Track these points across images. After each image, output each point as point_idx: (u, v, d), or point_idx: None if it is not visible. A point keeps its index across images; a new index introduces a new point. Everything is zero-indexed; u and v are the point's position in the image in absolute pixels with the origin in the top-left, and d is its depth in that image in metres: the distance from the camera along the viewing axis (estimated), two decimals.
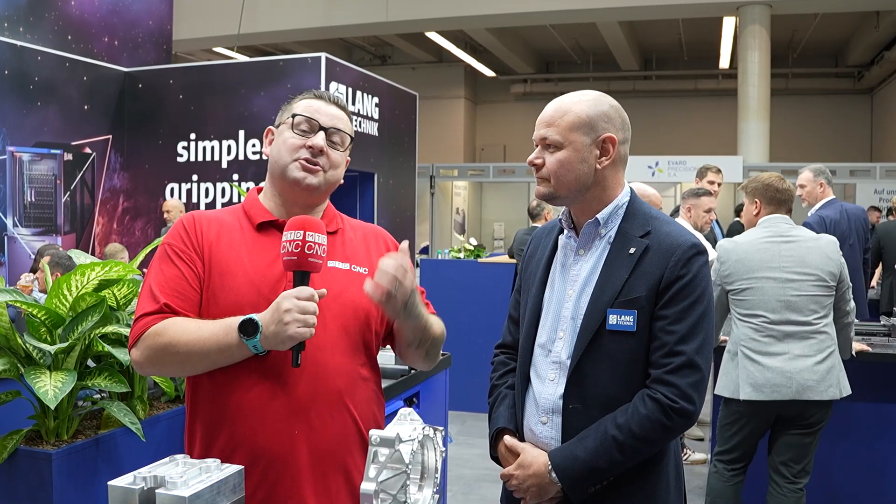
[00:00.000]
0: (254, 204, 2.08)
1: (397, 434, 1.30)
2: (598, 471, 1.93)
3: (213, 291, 1.95)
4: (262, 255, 1.97)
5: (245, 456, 1.87)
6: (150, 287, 1.97)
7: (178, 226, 2.03)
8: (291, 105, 2.09)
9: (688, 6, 14.72)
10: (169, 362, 1.92)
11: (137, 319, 1.95)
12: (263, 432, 1.89)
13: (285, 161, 2.01)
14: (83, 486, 3.00)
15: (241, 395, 1.90)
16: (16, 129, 7.08)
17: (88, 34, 8.51)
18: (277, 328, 1.80)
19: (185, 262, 1.97)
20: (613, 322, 1.94)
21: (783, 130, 19.12)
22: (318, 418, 1.93)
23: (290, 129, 2.04)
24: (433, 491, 1.38)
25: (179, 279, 1.96)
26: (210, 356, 1.87)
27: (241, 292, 1.92)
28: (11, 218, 7.07)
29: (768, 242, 3.96)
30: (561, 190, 2.02)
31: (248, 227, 2.03)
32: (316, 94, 2.11)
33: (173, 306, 1.94)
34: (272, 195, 2.08)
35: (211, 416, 1.94)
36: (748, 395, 3.86)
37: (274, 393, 1.91)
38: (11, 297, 3.03)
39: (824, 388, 3.79)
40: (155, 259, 2.03)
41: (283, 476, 1.91)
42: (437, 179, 17.19)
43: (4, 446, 2.94)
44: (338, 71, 7.47)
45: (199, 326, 1.89)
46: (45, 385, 2.85)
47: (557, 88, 23.00)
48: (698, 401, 1.93)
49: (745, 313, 3.94)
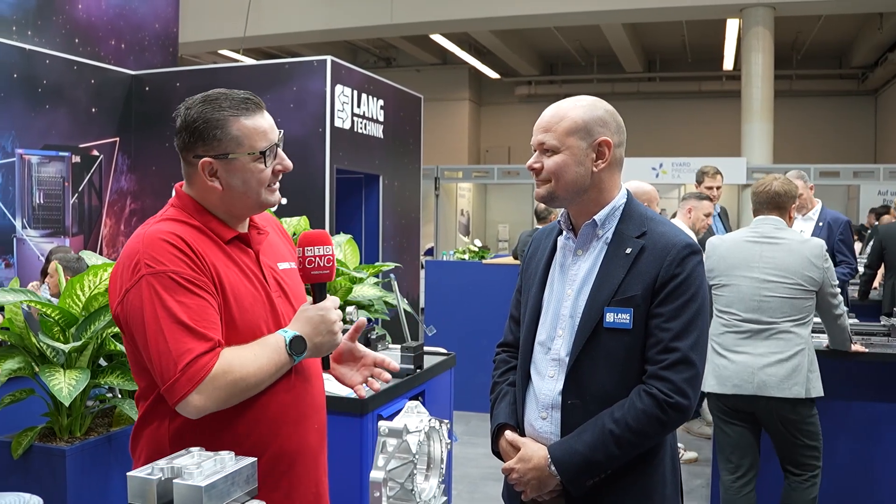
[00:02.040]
0: (209, 219, 1.99)
1: (405, 425, 1.36)
2: (595, 464, 1.99)
3: (230, 316, 1.91)
4: (245, 269, 1.99)
5: (274, 453, 1.95)
6: (181, 323, 1.82)
7: (168, 251, 1.87)
8: (227, 130, 1.94)
9: (691, 8, 14.74)
10: (235, 398, 1.86)
11: (191, 363, 1.80)
12: (290, 431, 1.98)
13: (257, 194, 1.98)
14: (96, 481, 3.07)
15: (270, 401, 1.95)
16: (24, 131, 7.15)
17: (95, 37, 8.58)
18: (326, 339, 1.93)
19: (204, 290, 1.87)
20: (610, 320, 2.01)
21: (787, 132, 19.14)
22: (322, 412, 2.10)
23: (253, 162, 1.96)
24: (439, 480, 1.44)
25: (208, 309, 1.87)
26: (270, 379, 1.90)
27: (255, 310, 1.96)
28: (20, 220, 7.13)
29: (751, 242, 4.05)
30: (559, 192, 2.09)
31: (219, 243, 1.98)
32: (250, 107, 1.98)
33: (220, 340, 1.86)
34: (221, 212, 2.00)
35: (239, 422, 1.93)
36: (711, 387, 4.01)
37: (298, 395, 2.01)
38: (26, 298, 3.10)
39: (788, 387, 3.85)
40: (160, 292, 1.84)
41: (306, 469, 2.02)
42: (441, 181, 17.24)
43: (20, 443, 3.01)
44: (343, 74, 7.53)
45: (254, 354, 1.87)
46: (59, 383, 2.91)
47: (562, 90, 23.02)
48: (693, 396, 1.99)
49: (721, 309, 4.07)
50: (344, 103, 7.46)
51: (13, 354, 3.14)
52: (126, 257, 1.91)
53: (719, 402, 4.08)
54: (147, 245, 1.87)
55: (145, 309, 1.83)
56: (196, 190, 2.01)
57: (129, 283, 1.87)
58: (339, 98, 7.38)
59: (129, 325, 1.89)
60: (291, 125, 7.31)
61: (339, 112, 7.38)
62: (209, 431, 1.90)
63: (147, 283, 1.84)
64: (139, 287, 1.85)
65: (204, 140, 1.95)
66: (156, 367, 1.83)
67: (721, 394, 3.99)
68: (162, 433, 1.92)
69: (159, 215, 2.01)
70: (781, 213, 4.09)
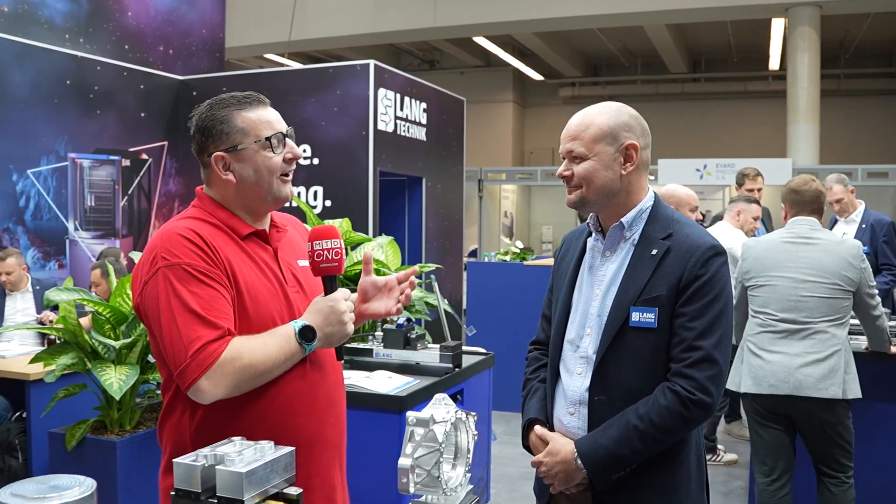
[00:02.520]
0: (227, 216, 2.08)
1: (431, 415, 1.44)
2: (620, 458, 2.05)
3: (243, 308, 1.99)
4: (262, 265, 2.08)
5: (288, 442, 2.01)
6: (192, 312, 1.90)
7: (183, 245, 1.96)
8: (233, 123, 2.06)
9: (734, 8, 14.61)
10: (245, 385, 1.93)
11: (200, 349, 1.88)
12: (304, 421, 2.06)
13: (270, 183, 2.07)
14: (145, 472, 3.19)
15: (284, 391, 2.03)
16: (77, 136, 7.37)
17: (145, 44, 8.80)
18: (336, 329, 2.00)
19: (216, 282, 1.95)
20: (636, 319, 2.07)
21: (835, 132, 18.91)
22: (341, 404, 2.17)
23: (262, 150, 2.05)
24: (465, 469, 1.52)
25: (220, 299, 1.94)
26: (279, 368, 1.97)
27: (269, 303, 2.04)
28: (73, 222, 7.34)
29: (787, 243, 4.05)
30: (590, 197, 2.15)
31: (236, 239, 2.07)
32: (252, 101, 2.10)
33: (230, 328, 1.93)
34: (239, 207, 2.10)
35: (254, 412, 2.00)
36: (748, 387, 4.00)
37: (312, 385, 2.08)
38: (80, 297, 3.24)
39: (825, 387, 3.85)
40: (174, 282, 1.93)
41: (320, 457, 2.09)
42: (485, 183, 17.29)
43: (73, 435, 3.15)
44: (386, 77, 7.62)
45: (263, 342, 1.95)
46: (110, 378, 3.04)
47: (605, 92, 22.97)
48: (716, 393, 2.04)
49: (757, 309, 4.07)
50: (387, 106, 7.56)
51: (67, 350, 3.29)
52: (146, 252, 2.01)
53: (755, 404, 4.08)
54: (164, 240, 1.97)
55: (160, 299, 1.92)
56: (214, 188, 2.11)
57: (147, 276, 1.97)
58: (383, 101, 7.48)
59: (147, 316, 1.99)
60: (335, 128, 7.43)
61: (383, 115, 7.47)
62: (226, 420, 1.97)
63: (163, 274, 1.93)
64: (156, 279, 1.94)
65: (213, 137, 2.07)
66: (169, 353, 1.92)
67: (757, 394, 4.00)
68: (184, 423, 2.01)
69: (181, 214, 2.12)
70: (819, 215, 4.11)
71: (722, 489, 5.68)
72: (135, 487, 3.11)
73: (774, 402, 3.98)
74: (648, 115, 10.10)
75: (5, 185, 6.76)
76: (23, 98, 6.88)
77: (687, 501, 2.12)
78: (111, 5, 8.46)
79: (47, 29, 7.72)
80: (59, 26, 7.86)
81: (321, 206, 7.52)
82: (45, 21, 7.74)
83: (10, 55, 6.78)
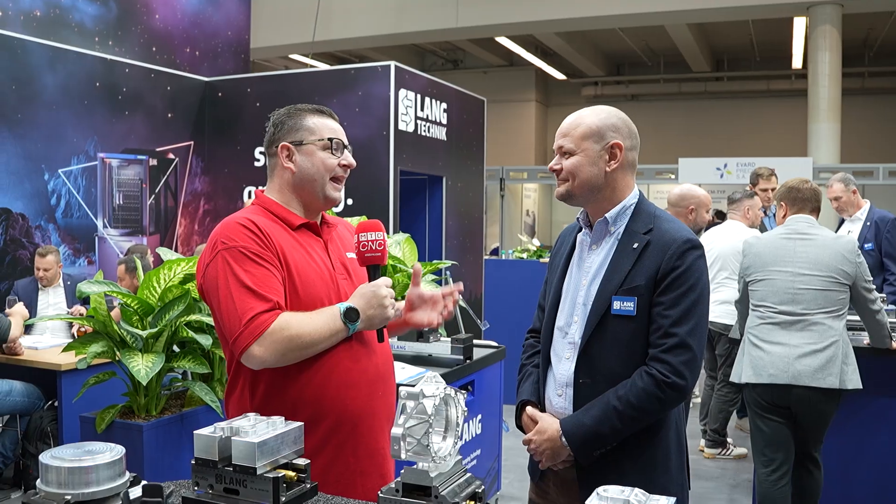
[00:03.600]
0: (282, 209, 2.34)
1: (421, 390, 1.61)
2: (601, 436, 2.22)
3: (293, 288, 2.22)
4: (312, 252, 2.32)
5: (339, 413, 2.24)
6: (247, 287, 2.14)
7: (241, 231, 2.20)
8: (303, 122, 2.35)
9: (755, 7, 14.63)
10: (292, 354, 2.14)
11: (253, 318, 2.11)
12: (354, 394, 2.27)
13: (324, 179, 2.34)
14: (170, 454, 3.39)
15: (335, 367, 2.25)
16: (106, 136, 7.60)
17: (172, 46, 9.02)
18: (377, 312, 2.23)
19: (269, 263, 2.18)
20: (617, 307, 2.24)
21: (858, 130, 18.87)
22: (390, 380, 2.40)
23: (322, 150, 2.34)
24: (454, 441, 1.69)
25: (271, 278, 2.17)
26: (324, 342, 2.20)
27: (318, 286, 2.27)
28: (101, 219, 7.58)
29: (785, 239, 4.20)
30: (575, 190, 2.34)
31: (288, 230, 2.31)
32: (323, 112, 2.40)
33: (280, 302, 2.17)
34: (292, 202, 2.36)
35: (302, 389, 2.22)
36: (748, 377, 4.15)
37: (361, 363, 2.30)
38: (109, 289, 3.44)
39: (822, 377, 3.98)
40: (231, 262, 2.17)
41: (371, 428, 2.30)
42: (506, 182, 17.43)
43: (103, 419, 3.35)
44: (406, 78, 7.76)
45: (310, 318, 2.17)
46: (137, 365, 3.24)
47: (628, 91, 23.05)
48: (690, 377, 2.20)
49: (756, 303, 4.22)
50: (408, 107, 7.71)
51: (97, 340, 3.49)
52: (209, 241, 2.27)
53: (756, 396, 4.22)
54: (224, 228, 2.24)
55: (219, 277, 2.18)
56: (275, 180, 2.38)
57: (208, 259, 2.23)
58: (403, 102, 7.63)
59: (208, 294, 2.24)
60: (357, 128, 7.59)
61: (403, 115, 7.63)
62: (282, 393, 2.21)
63: (221, 256, 2.19)
64: (215, 261, 2.20)
65: (284, 130, 2.36)
66: (225, 324, 2.17)
67: (757, 384, 4.14)
68: (245, 397, 2.26)
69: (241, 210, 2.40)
70: (817, 213, 4.25)
71: (730, 482, 5.82)
72: (160, 467, 3.30)
73: (774, 391, 4.11)
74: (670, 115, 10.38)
75: (37, 184, 7.00)
76: (54, 100, 7.12)
77: (665, 479, 2.28)
78: (139, 9, 8.69)
79: (78, 33, 7.96)
80: (89, 30, 8.10)
81: (343, 204, 7.69)
82: (76, 25, 7.98)
83: (42, 59, 7.02)
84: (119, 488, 1.56)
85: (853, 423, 4.69)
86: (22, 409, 5.41)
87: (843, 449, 4.76)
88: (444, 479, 1.63)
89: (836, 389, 4.00)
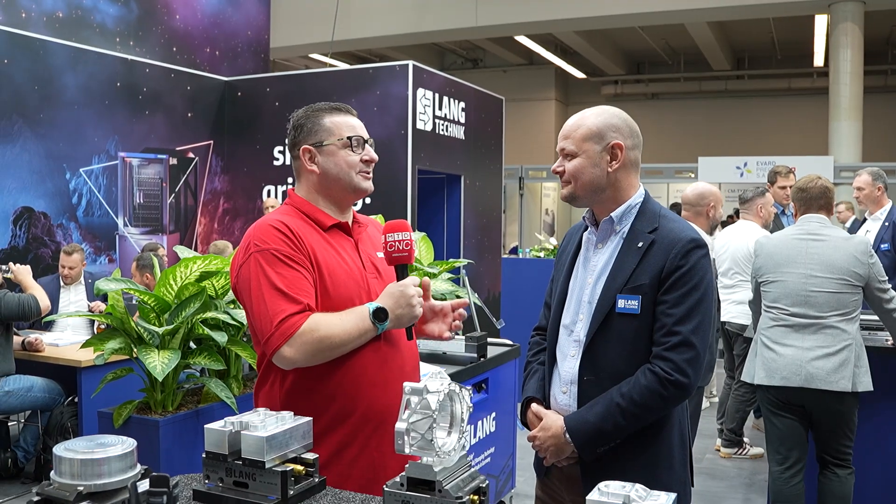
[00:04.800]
0: (313, 209, 2.39)
1: (425, 385, 1.64)
2: (604, 433, 2.24)
3: (325, 288, 2.26)
4: (342, 252, 2.36)
5: (364, 410, 2.28)
6: (278, 289, 2.18)
7: (273, 234, 2.25)
8: (322, 123, 2.39)
9: (776, 5, 14.55)
10: (322, 355, 2.19)
11: (283, 320, 2.15)
12: (379, 392, 2.30)
13: (350, 176, 2.38)
14: (185, 449, 3.43)
15: (360, 364, 2.29)
16: (126, 136, 7.68)
17: (192, 46, 9.11)
18: (405, 311, 2.27)
19: (300, 265, 2.23)
20: (622, 306, 2.25)
21: (880, 129, 18.73)
22: (416, 378, 2.42)
23: (342, 148, 2.37)
24: (459, 436, 1.71)
25: (302, 280, 2.22)
26: (353, 342, 2.24)
27: (349, 286, 2.31)
28: (122, 218, 7.66)
29: (797, 240, 4.19)
30: (578, 192, 2.35)
31: (319, 230, 2.35)
32: (342, 109, 2.43)
33: (310, 304, 2.21)
34: (322, 202, 2.40)
35: (331, 386, 2.26)
36: (761, 379, 4.15)
37: (386, 360, 2.34)
38: (126, 286, 3.49)
39: (835, 380, 3.97)
40: (263, 265, 2.22)
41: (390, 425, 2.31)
42: (525, 181, 17.43)
43: (120, 414, 3.40)
44: (424, 77, 7.79)
45: (340, 319, 2.21)
46: (154, 361, 3.29)
47: (648, 89, 22.98)
48: (693, 375, 2.21)
49: (769, 304, 4.21)
50: (426, 106, 7.73)
51: (115, 336, 3.54)
52: (243, 241, 2.33)
53: (769, 395, 4.22)
54: (257, 230, 2.30)
55: (252, 279, 2.23)
56: (302, 180, 2.43)
57: (241, 261, 2.28)
58: (421, 101, 7.66)
59: (241, 294, 2.29)
60: (375, 127, 7.63)
61: (421, 115, 7.65)
62: (309, 390, 2.26)
63: (254, 258, 2.24)
64: (248, 262, 2.26)
65: (304, 133, 2.40)
66: (257, 325, 2.22)
67: (770, 386, 4.14)
68: (275, 392, 2.31)
69: (274, 211, 2.44)
70: (828, 212, 4.23)
71: (746, 481, 5.81)
72: (176, 463, 3.34)
73: (787, 393, 4.12)
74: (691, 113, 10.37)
75: (59, 183, 7.09)
76: (76, 100, 7.20)
77: (668, 475, 2.29)
78: (160, 9, 8.77)
79: (99, 33, 8.05)
80: (110, 30, 8.19)
81: (361, 202, 7.72)
82: (98, 26, 8.07)
83: (64, 59, 7.11)
84: (130, 480, 1.59)
85: (870, 423, 4.67)
86: (43, 405, 5.49)
87: (858, 449, 4.74)
88: (449, 474, 1.65)
89: (848, 392, 4.00)
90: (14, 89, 6.73)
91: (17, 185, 6.78)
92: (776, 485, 4.28)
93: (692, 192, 4.79)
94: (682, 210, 4.74)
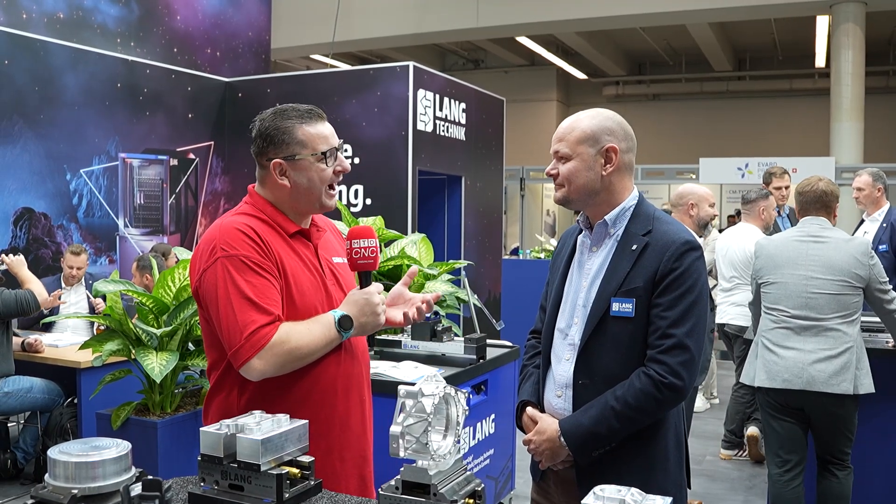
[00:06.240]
0: (277, 214, 2.30)
1: (420, 389, 1.63)
2: (599, 436, 2.23)
3: (290, 296, 2.21)
4: (305, 259, 2.32)
5: (325, 418, 2.27)
6: (248, 298, 2.12)
7: (241, 239, 2.17)
8: (294, 135, 2.26)
9: (777, 6, 14.53)
10: (291, 365, 2.15)
11: (254, 332, 2.09)
12: (338, 400, 2.30)
13: (319, 191, 2.29)
14: (183, 451, 3.43)
15: (322, 373, 2.27)
16: (127, 137, 7.68)
17: (192, 46, 9.11)
18: (370, 319, 2.24)
19: (268, 273, 2.17)
20: (616, 309, 2.24)
21: (881, 130, 18.71)
22: (368, 386, 2.43)
23: (317, 162, 2.27)
24: (455, 439, 1.71)
25: (270, 288, 2.16)
26: (321, 351, 2.21)
27: (312, 294, 2.27)
28: (123, 219, 7.66)
29: (797, 241, 4.18)
30: (572, 195, 2.35)
31: (284, 237, 2.28)
32: (313, 116, 2.30)
33: (280, 315, 2.15)
34: (287, 209, 2.31)
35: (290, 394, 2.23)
36: (762, 381, 4.13)
37: (346, 369, 2.32)
38: (124, 288, 3.48)
39: (836, 383, 3.96)
40: (232, 272, 2.14)
41: (353, 432, 2.34)
42: (526, 182, 17.42)
43: (118, 415, 3.40)
44: (425, 78, 7.78)
45: (308, 328, 2.17)
46: (152, 363, 3.29)
47: (650, 90, 22.97)
48: (687, 378, 2.20)
49: (769, 306, 4.19)
50: (426, 107, 7.73)
51: (113, 338, 3.54)
52: (205, 242, 2.23)
53: (768, 398, 4.21)
54: (223, 233, 2.20)
55: (219, 286, 2.15)
56: (267, 189, 2.32)
57: (206, 264, 2.19)
58: (422, 102, 7.65)
59: (205, 300, 2.21)
60: (376, 128, 7.63)
61: (422, 115, 7.65)
62: (271, 399, 2.20)
63: (221, 264, 2.16)
64: (214, 267, 2.17)
65: (275, 144, 2.28)
66: (225, 335, 2.15)
67: (771, 388, 4.13)
68: (232, 400, 2.25)
69: (235, 210, 2.36)
70: (827, 213, 4.22)
71: (746, 483, 5.81)
72: (174, 464, 3.34)
73: (788, 396, 4.10)
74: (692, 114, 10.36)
75: (59, 184, 7.09)
76: (76, 101, 7.20)
77: (664, 478, 2.28)
78: (161, 10, 8.77)
79: (100, 34, 8.05)
80: (111, 31, 8.19)
81: (361, 203, 7.72)
82: (98, 26, 8.07)
83: (64, 60, 7.11)
84: (124, 483, 1.59)
85: (871, 425, 4.66)
86: (42, 406, 5.49)
87: (859, 451, 4.73)
88: (444, 478, 1.65)
89: (849, 395, 3.99)
90: (15, 90, 6.73)
91: (18, 185, 6.78)
92: (775, 488, 4.27)
93: (675, 193, 4.85)
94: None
